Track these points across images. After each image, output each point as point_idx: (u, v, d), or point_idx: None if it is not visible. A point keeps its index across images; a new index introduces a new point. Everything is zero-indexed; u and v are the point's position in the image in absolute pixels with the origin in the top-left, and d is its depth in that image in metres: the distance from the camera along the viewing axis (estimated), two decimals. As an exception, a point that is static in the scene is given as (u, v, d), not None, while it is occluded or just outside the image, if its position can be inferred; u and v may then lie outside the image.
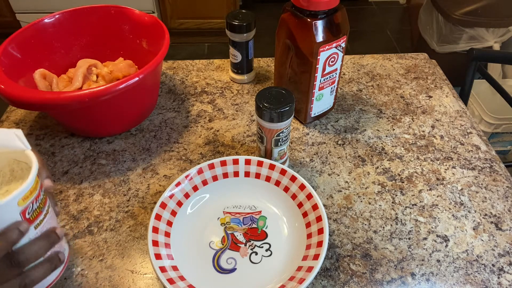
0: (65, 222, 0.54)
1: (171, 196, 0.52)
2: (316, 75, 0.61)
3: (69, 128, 0.67)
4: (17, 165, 0.41)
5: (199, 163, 0.60)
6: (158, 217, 0.50)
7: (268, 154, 0.57)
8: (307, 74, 0.61)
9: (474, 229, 0.54)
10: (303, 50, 0.59)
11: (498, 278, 0.49)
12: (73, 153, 0.64)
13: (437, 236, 0.53)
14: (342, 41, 0.59)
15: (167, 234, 0.50)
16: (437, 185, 0.59)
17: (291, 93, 0.52)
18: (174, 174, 0.60)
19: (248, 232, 0.52)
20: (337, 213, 0.56)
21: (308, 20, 0.56)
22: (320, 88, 0.63)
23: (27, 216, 0.37)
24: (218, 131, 0.67)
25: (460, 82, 1.03)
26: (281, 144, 0.56)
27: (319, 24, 0.56)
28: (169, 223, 0.51)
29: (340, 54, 0.61)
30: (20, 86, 0.56)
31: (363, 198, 0.57)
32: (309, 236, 0.50)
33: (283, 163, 0.59)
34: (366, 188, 0.59)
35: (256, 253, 0.50)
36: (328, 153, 0.64)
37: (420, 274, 0.49)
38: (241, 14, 0.70)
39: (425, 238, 0.53)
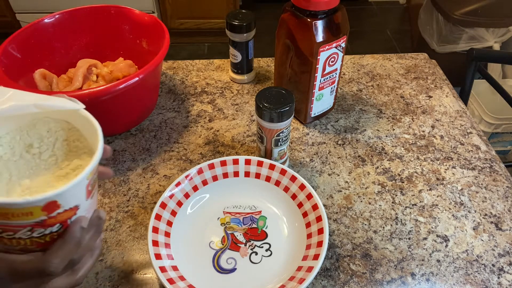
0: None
1: (171, 196, 0.52)
2: (316, 75, 0.61)
3: (69, 128, 0.67)
4: (54, 124, 0.37)
5: (199, 163, 0.60)
6: (158, 217, 0.50)
7: (268, 154, 0.57)
8: (307, 74, 0.61)
9: (474, 229, 0.54)
10: (303, 50, 0.59)
11: (498, 278, 0.49)
12: (73, 153, 0.64)
13: (437, 236, 0.53)
14: (342, 41, 0.59)
15: (167, 234, 0.50)
16: (437, 185, 0.59)
17: (291, 93, 0.52)
18: (174, 174, 0.60)
19: (248, 232, 0.52)
20: (337, 213, 0.56)
21: (308, 20, 0.56)
22: (320, 88, 0.63)
23: (89, 188, 0.34)
24: (218, 131, 0.67)
25: (460, 82, 1.03)
26: (281, 144, 0.56)
27: (319, 24, 0.56)
28: (169, 223, 0.51)
29: (340, 54, 0.61)
30: (20, 86, 0.56)
31: (363, 198, 0.57)
32: (309, 236, 0.50)
33: (283, 163, 0.59)
34: (366, 188, 0.59)
35: (256, 253, 0.50)
36: (328, 153, 0.64)
37: (420, 274, 0.49)
38: (241, 14, 0.70)
39: (425, 238, 0.53)
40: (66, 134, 0.38)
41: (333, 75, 0.63)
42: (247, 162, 0.56)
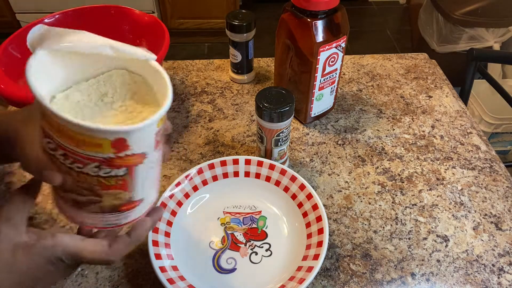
0: (65, 221, 0.54)
1: (171, 196, 0.52)
2: (316, 75, 0.61)
3: (69, 128, 0.66)
4: (129, 76, 0.37)
5: (199, 163, 0.60)
6: (158, 217, 0.50)
7: (268, 154, 0.57)
8: (307, 74, 0.61)
9: (474, 229, 0.54)
10: (303, 50, 0.59)
11: (498, 278, 0.49)
12: (73, 153, 0.64)
13: (437, 236, 0.53)
14: (342, 41, 0.59)
15: (167, 234, 0.50)
16: (437, 185, 0.59)
17: (291, 93, 0.52)
18: (174, 174, 0.60)
19: (248, 232, 0.52)
20: (337, 213, 0.56)
21: (308, 20, 0.56)
22: (320, 88, 0.63)
23: (157, 139, 0.34)
24: (218, 131, 0.67)
25: (460, 82, 1.03)
26: (281, 144, 0.56)
27: (319, 24, 0.56)
28: (169, 223, 0.51)
29: (340, 54, 0.61)
30: (20, 86, 0.56)
31: (363, 198, 0.57)
32: (309, 236, 0.50)
33: (283, 163, 0.59)
34: (366, 188, 0.59)
35: (256, 253, 0.50)
36: (328, 153, 0.64)
37: (420, 274, 0.49)
38: (241, 14, 0.70)
39: (425, 238, 0.53)
40: (138, 88, 0.38)
41: (333, 75, 0.63)
42: (247, 162, 0.56)
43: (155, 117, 0.32)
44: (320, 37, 0.56)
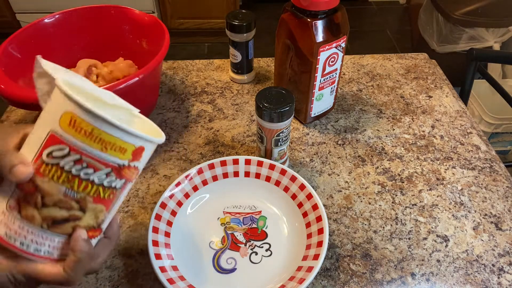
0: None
1: (171, 196, 0.52)
2: (316, 75, 0.61)
3: (69, 128, 0.66)
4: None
5: (199, 163, 0.60)
6: (158, 217, 0.50)
7: (268, 154, 0.57)
8: (307, 74, 0.61)
9: (474, 229, 0.54)
10: (303, 50, 0.59)
11: (498, 278, 0.49)
12: (73, 153, 0.64)
13: (437, 236, 0.53)
14: (342, 41, 0.59)
15: (167, 234, 0.50)
16: (437, 185, 0.59)
17: (291, 93, 0.52)
18: (174, 174, 0.60)
19: (248, 232, 0.52)
20: (337, 213, 0.56)
21: (308, 20, 0.56)
22: (320, 88, 0.63)
23: (141, 169, 0.36)
24: (218, 131, 0.67)
25: (460, 82, 1.03)
26: (281, 144, 0.56)
27: (319, 24, 0.56)
28: (169, 223, 0.51)
29: (340, 54, 0.61)
30: (20, 86, 0.56)
31: (363, 198, 0.57)
32: (309, 236, 0.50)
33: (283, 163, 0.59)
34: (366, 188, 0.59)
35: (256, 253, 0.50)
36: (328, 153, 0.64)
37: (420, 274, 0.49)
38: (241, 14, 0.70)
39: (425, 238, 0.53)
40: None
41: (333, 75, 0.63)
42: (247, 162, 0.56)
43: (162, 139, 0.35)
44: (320, 37, 0.56)
